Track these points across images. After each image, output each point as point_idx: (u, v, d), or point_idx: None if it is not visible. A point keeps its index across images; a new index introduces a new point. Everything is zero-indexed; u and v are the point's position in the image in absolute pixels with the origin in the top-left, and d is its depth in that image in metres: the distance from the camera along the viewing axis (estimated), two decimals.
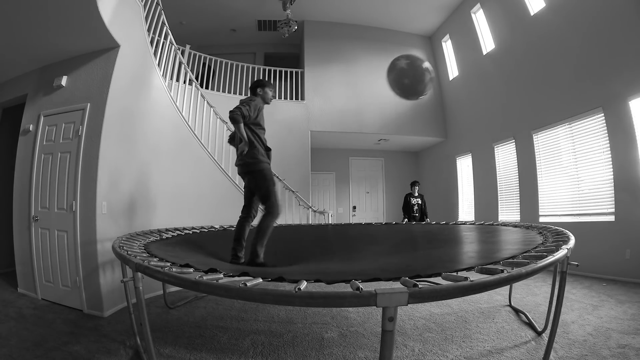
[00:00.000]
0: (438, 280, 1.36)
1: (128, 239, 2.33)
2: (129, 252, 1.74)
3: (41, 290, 3.24)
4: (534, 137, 5.36)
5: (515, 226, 2.73)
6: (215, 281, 1.14)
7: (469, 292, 1.00)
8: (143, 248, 2.21)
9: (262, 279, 1.25)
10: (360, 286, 0.96)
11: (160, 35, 4.23)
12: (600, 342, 2.12)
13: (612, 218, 4.11)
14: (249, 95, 2.67)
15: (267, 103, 2.67)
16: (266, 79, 7.24)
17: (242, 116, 2.36)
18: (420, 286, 0.95)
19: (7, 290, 3.46)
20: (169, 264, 1.59)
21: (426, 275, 1.30)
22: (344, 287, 1.12)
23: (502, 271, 1.14)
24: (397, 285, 1.03)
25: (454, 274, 1.19)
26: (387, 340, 0.94)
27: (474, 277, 1.06)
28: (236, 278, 1.35)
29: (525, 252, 1.55)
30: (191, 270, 1.50)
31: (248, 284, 1.08)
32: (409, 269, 1.73)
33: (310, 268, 2.22)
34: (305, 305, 1.29)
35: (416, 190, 6.23)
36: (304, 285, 1.07)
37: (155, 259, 1.72)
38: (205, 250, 2.63)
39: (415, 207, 6.12)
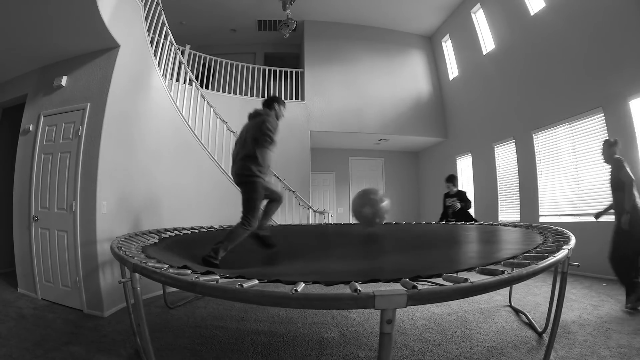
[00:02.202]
0: (439, 281, 1.36)
1: (126, 239, 2.33)
2: (127, 253, 1.74)
3: (41, 290, 3.24)
4: (534, 137, 5.36)
5: (515, 226, 2.72)
6: (212, 282, 1.14)
7: (469, 294, 0.99)
8: (141, 250, 2.21)
9: (259, 280, 1.24)
10: (359, 288, 0.95)
11: (160, 35, 4.23)
12: (600, 342, 2.12)
13: (612, 218, 4.10)
14: (262, 109, 2.67)
15: (279, 120, 2.66)
16: (266, 79, 7.25)
17: (272, 141, 2.39)
18: (419, 288, 0.94)
19: (7, 290, 3.46)
20: (166, 265, 1.59)
21: (427, 276, 1.29)
22: (342, 289, 1.12)
23: (502, 272, 1.13)
24: (395, 287, 1.03)
25: (455, 274, 1.18)
26: (385, 342, 0.92)
27: (475, 278, 1.06)
28: (233, 279, 1.35)
29: (525, 253, 1.55)
30: (189, 271, 1.50)
31: (244, 285, 1.08)
32: (409, 269, 1.73)
33: (309, 268, 2.22)
34: (301, 307, 1.28)
35: (452, 188, 4.83)
36: (300, 287, 1.06)
37: (153, 260, 1.72)
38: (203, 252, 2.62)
39: (451, 210, 4.71)
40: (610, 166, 3.12)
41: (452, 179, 4.90)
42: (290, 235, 3.64)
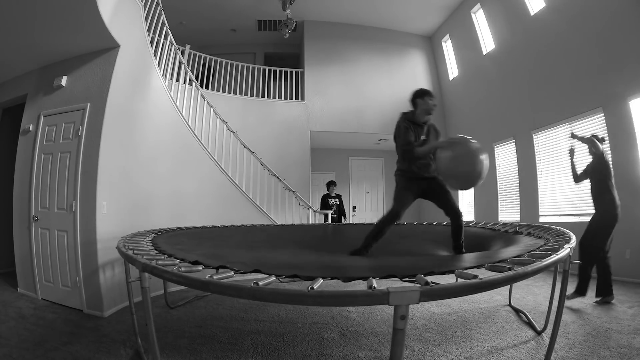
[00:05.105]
0: (438, 277, 1.37)
1: (132, 238, 2.33)
2: (135, 252, 1.73)
3: (41, 290, 3.24)
4: (534, 137, 5.36)
5: (517, 232, 2.64)
6: (225, 281, 1.12)
7: (478, 290, 1.04)
8: (151, 243, 2.22)
9: (276, 276, 1.24)
10: (374, 284, 0.96)
11: (160, 35, 4.24)
12: (600, 342, 2.12)
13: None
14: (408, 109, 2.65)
15: (429, 114, 2.59)
16: (266, 79, 7.24)
17: (410, 145, 2.44)
18: (431, 284, 0.96)
19: (7, 290, 3.46)
20: (177, 261, 1.57)
21: (440, 272, 1.34)
22: (352, 284, 1.12)
23: (509, 269, 1.16)
24: (403, 283, 1.05)
25: (465, 271, 1.21)
26: (399, 338, 0.94)
27: (481, 275, 1.08)
28: (248, 276, 1.34)
29: (530, 252, 1.56)
30: (200, 267, 1.49)
31: (260, 283, 1.06)
32: (422, 265, 1.75)
33: (326, 264, 2.23)
34: (317, 305, 1.29)
35: (333, 191, 6.21)
36: (318, 284, 1.05)
37: (163, 257, 1.71)
38: (212, 245, 2.64)
39: (334, 208, 6.10)
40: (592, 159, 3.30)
41: (333, 183, 6.29)
42: (291, 236, 3.65)
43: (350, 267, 1.95)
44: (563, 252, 1.38)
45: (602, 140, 3.25)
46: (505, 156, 6.05)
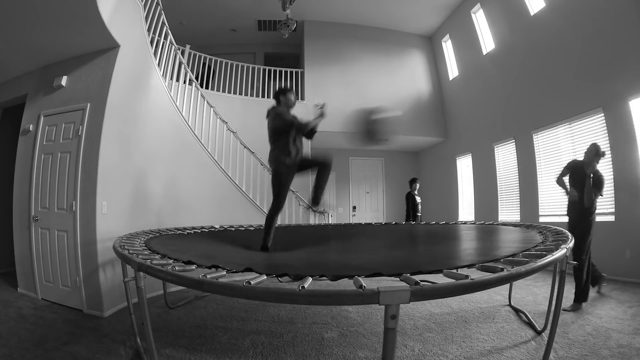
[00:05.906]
0: (437, 276, 1.37)
1: (129, 238, 2.33)
2: (130, 252, 1.74)
3: (41, 290, 3.24)
4: (534, 137, 5.36)
5: (515, 226, 2.71)
6: (218, 280, 1.13)
7: (469, 291, 1.03)
8: (144, 245, 2.22)
9: (267, 275, 1.24)
10: (363, 284, 0.96)
11: (160, 35, 4.23)
12: (600, 342, 2.12)
13: (612, 218, 4.10)
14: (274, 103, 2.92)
15: (291, 107, 2.95)
16: (266, 79, 7.24)
17: (290, 122, 2.75)
18: (421, 284, 0.96)
19: (7, 290, 3.46)
20: (171, 261, 1.58)
21: (427, 271, 1.31)
22: (347, 284, 1.12)
23: (502, 269, 1.15)
24: (397, 283, 1.04)
25: (455, 271, 1.19)
26: (390, 337, 0.94)
27: (475, 275, 1.07)
28: (240, 276, 1.34)
29: (525, 251, 1.56)
30: (194, 267, 1.49)
31: (252, 282, 1.07)
32: (410, 264, 1.74)
33: (316, 262, 2.23)
34: (308, 304, 1.29)
35: (416, 188, 6.04)
36: (307, 282, 1.06)
37: (157, 256, 1.71)
38: (207, 246, 2.63)
39: (420, 207, 5.88)
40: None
41: (417, 180, 6.02)
42: (292, 235, 3.65)
43: (337, 265, 1.96)
44: (559, 253, 1.38)
45: (603, 154, 3.30)
46: (505, 156, 6.05)
